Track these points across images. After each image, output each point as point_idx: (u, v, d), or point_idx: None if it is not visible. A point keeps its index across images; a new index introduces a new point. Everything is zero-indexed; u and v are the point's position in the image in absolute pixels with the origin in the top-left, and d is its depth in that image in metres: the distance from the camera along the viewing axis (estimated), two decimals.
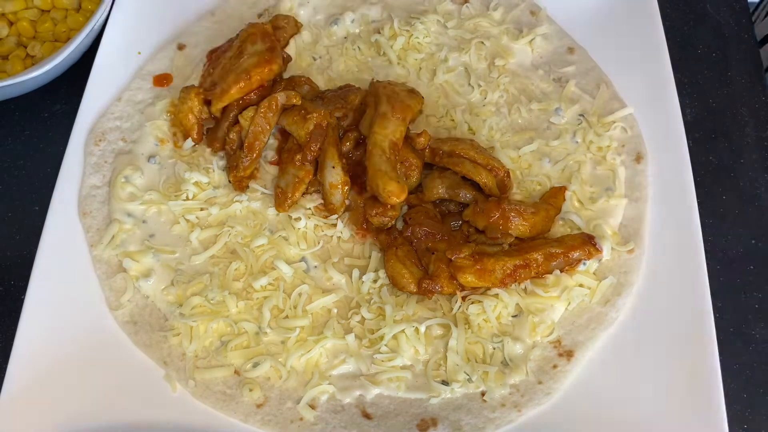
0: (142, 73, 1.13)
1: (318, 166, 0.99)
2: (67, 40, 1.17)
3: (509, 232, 0.93)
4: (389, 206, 0.94)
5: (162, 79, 1.13)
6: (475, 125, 1.07)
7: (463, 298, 0.92)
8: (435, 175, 1.00)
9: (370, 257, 0.98)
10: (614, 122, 1.05)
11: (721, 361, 0.85)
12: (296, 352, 0.90)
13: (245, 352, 0.91)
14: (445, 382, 0.88)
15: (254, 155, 1.01)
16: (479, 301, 0.91)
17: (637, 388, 0.86)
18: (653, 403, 0.85)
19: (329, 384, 0.89)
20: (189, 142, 1.06)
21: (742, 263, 1.04)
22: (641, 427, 0.84)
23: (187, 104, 1.04)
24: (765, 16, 1.37)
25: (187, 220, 1.01)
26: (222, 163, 1.05)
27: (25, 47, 1.19)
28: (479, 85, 1.11)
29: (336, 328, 0.92)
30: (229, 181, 1.03)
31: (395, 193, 0.92)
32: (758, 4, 1.39)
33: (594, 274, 0.93)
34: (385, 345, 0.90)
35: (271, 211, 1.01)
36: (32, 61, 1.17)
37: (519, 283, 0.92)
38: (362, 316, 0.92)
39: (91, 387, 0.89)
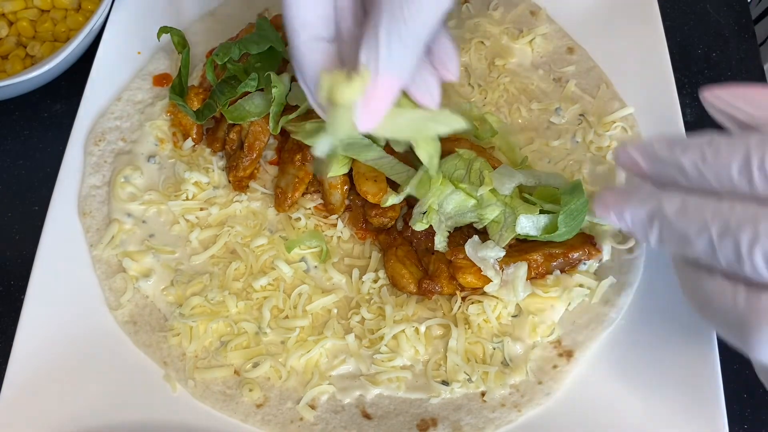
0: (142, 73, 1.13)
1: None
2: (67, 40, 1.17)
3: None
4: (389, 206, 0.94)
5: (162, 79, 1.13)
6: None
7: (463, 299, 0.92)
8: None
9: (370, 257, 0.98)
10: (614, 122, 1.05)
11: (721, 360, 0.85)
12: (296, 352, 0.90)
13: (245, 352, 0.91)
14: (445, 382, 0.88)
15: (254, 155, 1.01)
16: (479, 302, 0.91)
17: (637, 388, 0.86)
18: (653, 403, 0.85)
19: (329, 384, 0.89)
20: (189, 142, 1.06)
21: None
22: (641, 427, 0.84)
23: (187, 104, 1.04)
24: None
25: (187, 220, 1.01)
26: (222, 163, 1.05)
27: (25, 47, 1.19)
28: (479, 85, 1.11)
29: (336, 328, 0.92)
30: (229, 181, 1.03)
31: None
32: None
33: (594, 274, 0.93)
34: (385, 345, 0.90)
35: (271, 211, 1.01)
36: (32, 61, 1.17)
37: None
38: (362, 317, 0.92)
39: (91, 387, 0.89)
